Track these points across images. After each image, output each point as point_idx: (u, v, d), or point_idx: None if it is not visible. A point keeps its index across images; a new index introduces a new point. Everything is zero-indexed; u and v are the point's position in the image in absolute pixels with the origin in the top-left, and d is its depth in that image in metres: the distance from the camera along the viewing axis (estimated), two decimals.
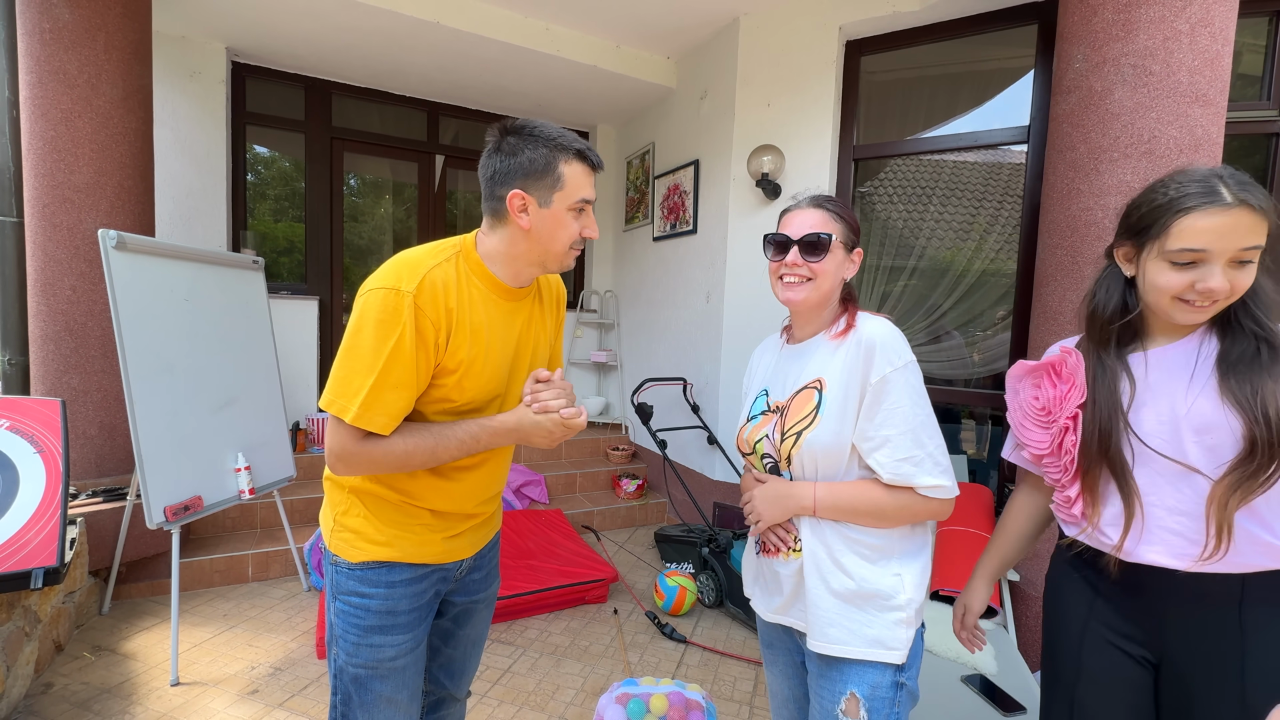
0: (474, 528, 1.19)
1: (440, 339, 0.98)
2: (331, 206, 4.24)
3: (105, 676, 2.10)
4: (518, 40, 3.48)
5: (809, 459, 1.02)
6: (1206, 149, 1.84)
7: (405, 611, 1.09)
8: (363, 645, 1.07)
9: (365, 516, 1.08)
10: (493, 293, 1.07)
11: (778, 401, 1.10)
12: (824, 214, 1.06)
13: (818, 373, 1.05)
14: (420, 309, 0.95)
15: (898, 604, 0.98)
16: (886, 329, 1.01)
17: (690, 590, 2.72)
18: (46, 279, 2.50)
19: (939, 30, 2.95)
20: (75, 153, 2.50)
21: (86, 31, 2.50)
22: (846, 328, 1.05)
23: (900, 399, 0.97)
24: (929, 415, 0.99)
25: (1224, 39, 1.83)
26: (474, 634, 1.29)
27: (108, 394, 2.60)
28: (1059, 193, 2.05)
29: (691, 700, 1.73)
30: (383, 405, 0.95)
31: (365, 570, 1.07)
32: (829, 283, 1.06)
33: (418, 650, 1.12)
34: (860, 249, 1.11)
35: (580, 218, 1.05)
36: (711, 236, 3.62)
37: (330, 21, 3.32)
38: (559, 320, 1.29)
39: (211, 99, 3.65)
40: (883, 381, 0.97)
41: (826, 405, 1.01)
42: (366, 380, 0.93)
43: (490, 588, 1.29)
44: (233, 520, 3.13)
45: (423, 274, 0.97)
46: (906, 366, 0.98)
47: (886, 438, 0.97)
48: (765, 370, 1.19)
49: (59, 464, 2.01)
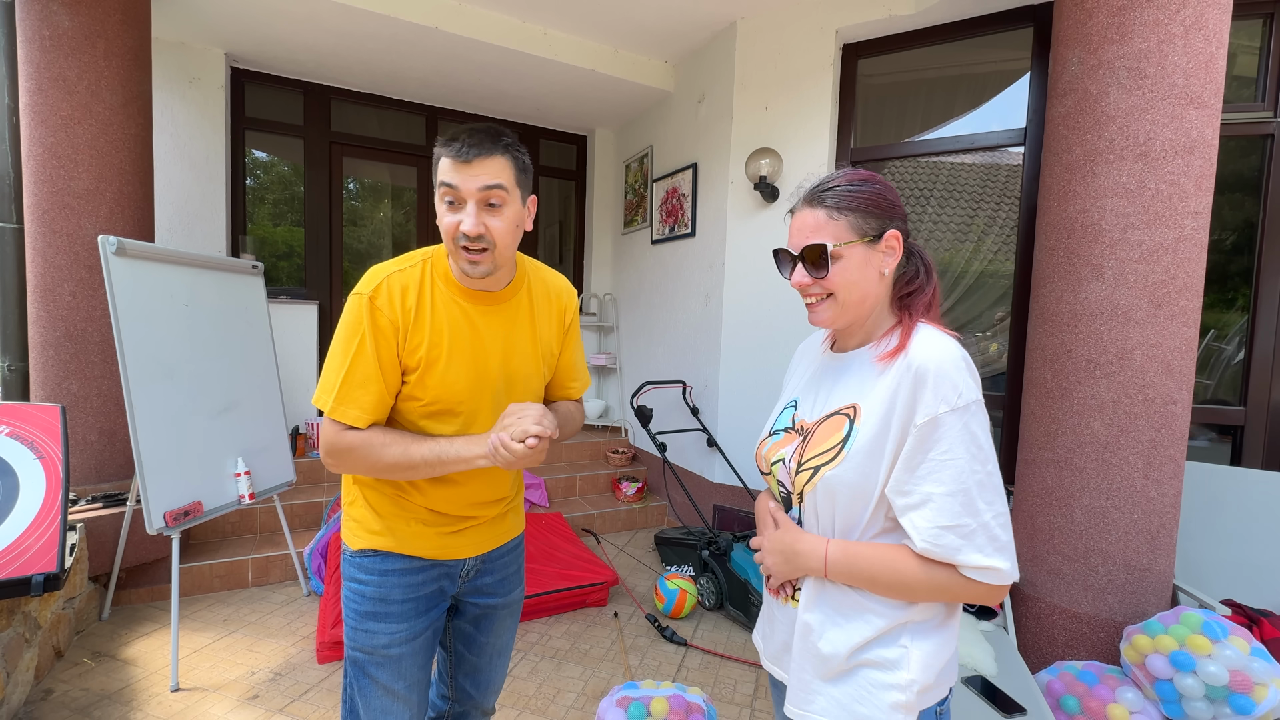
0: (476, 527, 1.19)
1: (399, 336, 1.03)
2: (331, 211, 4.25)
3: (105, 682, 2.10)
4: (516, 45, 3.50)
5: (825, 501, 0.85)
6: (1201, 151, 1.85)
7: (399, 601, 1.11)
8: (359, 630, 1.11)
9: (365, 506, 1.13)
10: (458, 296, 1.08)
11: (803, 421, 0.93)
12: (822, 213, 0.86)
13: (854, 397, 0.86)
14: (378, 309, 1.02)
15: (896, 682, 0.81)
16: (946, 354, 0.79)
17: (690, 593, 2.72)
18: (46, 285, 2.51)
19: (935, 33, 2.97)
20: (75, 159, 2.51)
21: (86, 38, 2.51)
22: (896, 348, 0.83)
23: (953, 449, 0.75)
24: (990, 473, 0.77)
25: (1218, 41, 1.84)
26: (498, 642, 1.29)
27: (108, 399, 2.61)
28: (1056, 194, 2.06)
29: (692, 703, 1.72)
30: (353, 399, 1.02)
31: (362, 557, 1.12)
32: (855, 293, 0.86)
33: (416, 643, 1.13)
34: (897, 230, 0.86)
35: (454, 210, 1.00)
36: (710, 239, 3.62)
37: (329, 27, 3.34)
38: (564, 325, 1.24)
39: (211, 105, 3.66)
40: (932, 424, 0.76)
41: (856, 440, 0.82)
42: (339, 377, 1.01)
43: (510, 594, 1.28)
44: (232, 525, 3.13)
45: (381, 279, 1.04)
46: (967, 408, 0.76)
47: (928, 496, 0.76)
48: (801, 378, 1.01)
49: (59, 470, 2.01)
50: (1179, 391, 1.90)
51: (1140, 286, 1.89)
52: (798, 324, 3.25)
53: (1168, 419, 1.90)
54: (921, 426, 0.77)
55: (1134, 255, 1.89)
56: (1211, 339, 2.58)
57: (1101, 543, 1.95)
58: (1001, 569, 0.75)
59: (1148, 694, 1.69)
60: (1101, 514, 1.95)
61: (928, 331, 0.83)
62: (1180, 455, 1.94)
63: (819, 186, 0.88)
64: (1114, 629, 1.92)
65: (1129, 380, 1.91)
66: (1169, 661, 1.64)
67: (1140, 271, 1.88)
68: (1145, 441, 1.90)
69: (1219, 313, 2.57)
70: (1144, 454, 1.91)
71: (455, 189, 0.99)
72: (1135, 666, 1.73)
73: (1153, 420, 1.90)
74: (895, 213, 0.86)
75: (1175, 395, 1.90)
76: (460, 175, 0.98)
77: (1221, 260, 2.53)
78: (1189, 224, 1.86)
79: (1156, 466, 1.91)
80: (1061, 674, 1.81)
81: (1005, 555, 0.75)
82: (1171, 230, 1.86)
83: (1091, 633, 1.96)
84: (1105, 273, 1.92)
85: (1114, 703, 1.67)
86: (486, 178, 0.98)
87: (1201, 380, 2.56)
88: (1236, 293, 2.54)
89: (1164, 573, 1.95)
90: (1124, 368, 1.91)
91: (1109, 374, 1.93)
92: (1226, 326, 2.57)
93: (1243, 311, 2.51)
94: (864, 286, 0.86)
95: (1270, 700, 1.51)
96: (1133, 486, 1.92)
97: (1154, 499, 1.91)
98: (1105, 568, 1.95)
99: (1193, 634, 1.65)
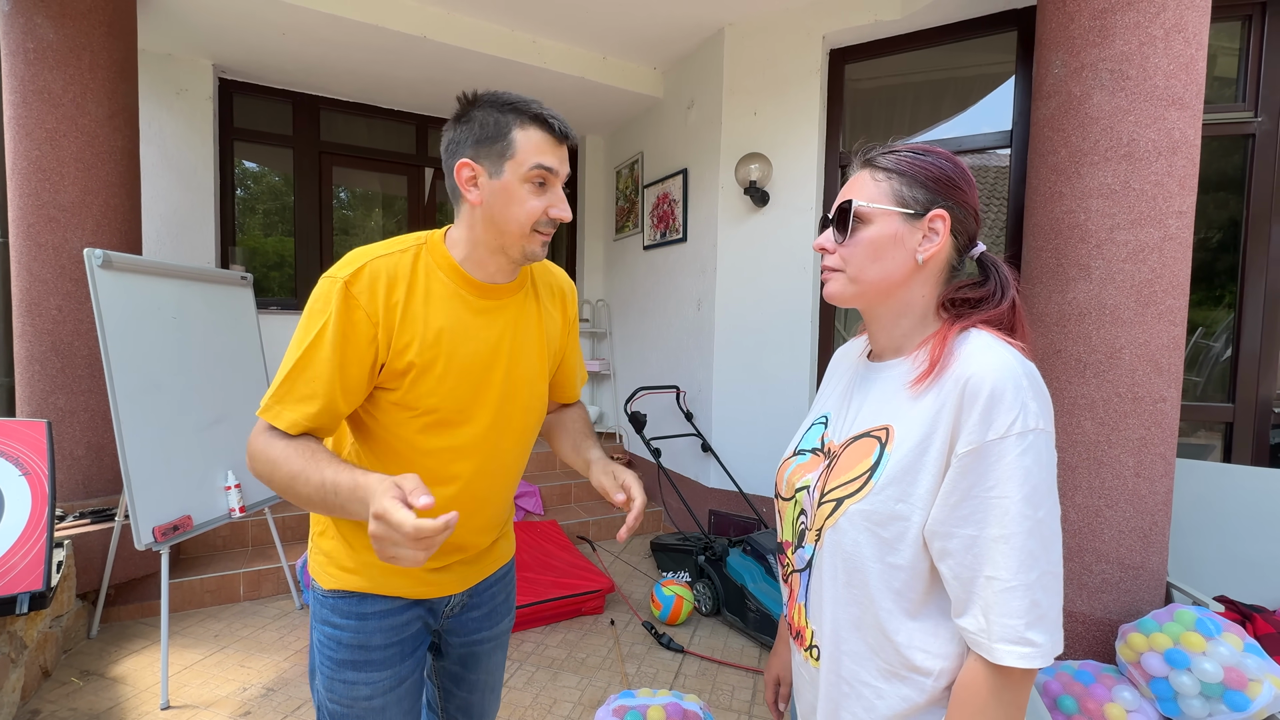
0: (464, 561, 1.06)
1: (381, 335, 0.87)
2: (321, 221, 4.24)
3: (94, 702, 2.06)
4: (505, 53, 3.51)
5: (850, 543, 0.70)
6: (1184, 151, 1.87)
7: (380, 647, 0.98)
8: (336, 680, 0.98)
9: (338, 539, 0.99)
10: (462, 289, 0.93)
11: (832, 442, 0.79)
12: (867, 173, 0.73)
13: (887, 416, 0.72)
14: (352, 298, 0.85)
15: None
16: (1004, 369, 0.64)
17: (687, 599, 2.71)
18: (32, 299, 2.48)
19: (921, 38, 3.00)
20: (60, 172, 2.49)
21: (71, 50, 2.50)
22: (930, 364, 0.68)
23: (1005, 486, 0.62)
24: (1042, 520, 0.62)
25: (1198, 43, 1.86)
26: (487, 679, 1.18)
27: (95, 414, 2.58)
28: (1042, 196, 2.08)
29: (689, 711, 1.71)
30: (294, 400, 0.84)
31: (336, 599, 0.98)
32: (872, 271, 0.72)
33: (399, 689, 1.01)
34: (944, 210, 0.70)
35: (542, 193, 0.89)
36: (701, 244, 3.63)
37: (317, 37, 3.33)
38: (568, 319, 1.13)
39: (198, 116, 3.65)
40: (976, 454, 0.63)
41: (886, 469, 0.68)
42: (284, 372, 0.85)
43: (496, 627, 1.16)
44: (223, 539, 3.09)
45: (364, 261, 0.87)
46: (1024, 436, 0.62)
47: (972, 539, 0.63)
48: (834, 390, 0.86)
49: (44, 486, 1.99)
50: (1168, 389, 1.92)
51: (1127, 286, 1.90)
52: (790, 328, 3.26)
53: (1157, 417, 1.91)
54: (964, 456, 0.63)
55: (1120, 255, 1.90)
56: (1199, 336, 2.60)
57: (1095, 541, 1.95)
58: (1039, 644, 0.61)
59: (1144, 692, 1.69)
60: (1094, 513, 1.95)
61: (982, 339, 0.68)
62: (1170, 453, 1.95)
63: (884, 148, 0.75)
64: (1109, 627, 1.93)
65: (1118, 379, 1.92)
66: (1164, 659, 1.65)
67: (1127, 271, 1.90)
68: (1136, 440, 1.91)
69: (1206, 310, 2.60)
70: (1135, 452, 1.92)
71: (553, 172, 0.88)
72: (1131, 665, 1.73)
73: (1143, 418, 1.91)
74: (954, 194, 0.71)
75: (1164, 393, 1.91)
76: (557, 156, 0.89)
77: (1207, 258, 2.56)
78: (1174, 223, 1.88)
79: (1147, 464, 1.92)
80: (1058, 674, 1.81)
81: (1046, 629, 0.62)
82: (1157, 230, 1.88)
83: (1087, 632, 1.96)
84: (1093, 273, 1.94)
85: (1111, 702, 1.67)
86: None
87: (1190, 378, 2.59)
88: (1223, 290, 2.57)
89: (1157, 570, 1.96)
90: (1113, 367, 1.92)
91: (1098, 373, 1.94)
92: (1214, 324, 2.59)
93: (1229, 309, 2.53)
94: (887, 266, 0.71)
95: (1264, 696, 1.52)
96: (1124, 485, 1.93)
97: (1145, 497, 1.92)
98: (1099, 566, 1.95)
99: (1187, 631, 1.66)
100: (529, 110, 0.87)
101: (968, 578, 0.64)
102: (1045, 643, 0.62)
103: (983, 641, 0.63)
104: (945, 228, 0.71)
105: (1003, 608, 0.61)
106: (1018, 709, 0.64)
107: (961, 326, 0.70)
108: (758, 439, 3.40)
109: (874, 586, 0.69)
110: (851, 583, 0.71)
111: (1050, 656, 0.62)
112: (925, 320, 0.74)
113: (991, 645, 0.62)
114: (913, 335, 0.74)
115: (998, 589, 0.62)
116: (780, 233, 3.24)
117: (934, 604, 0.69)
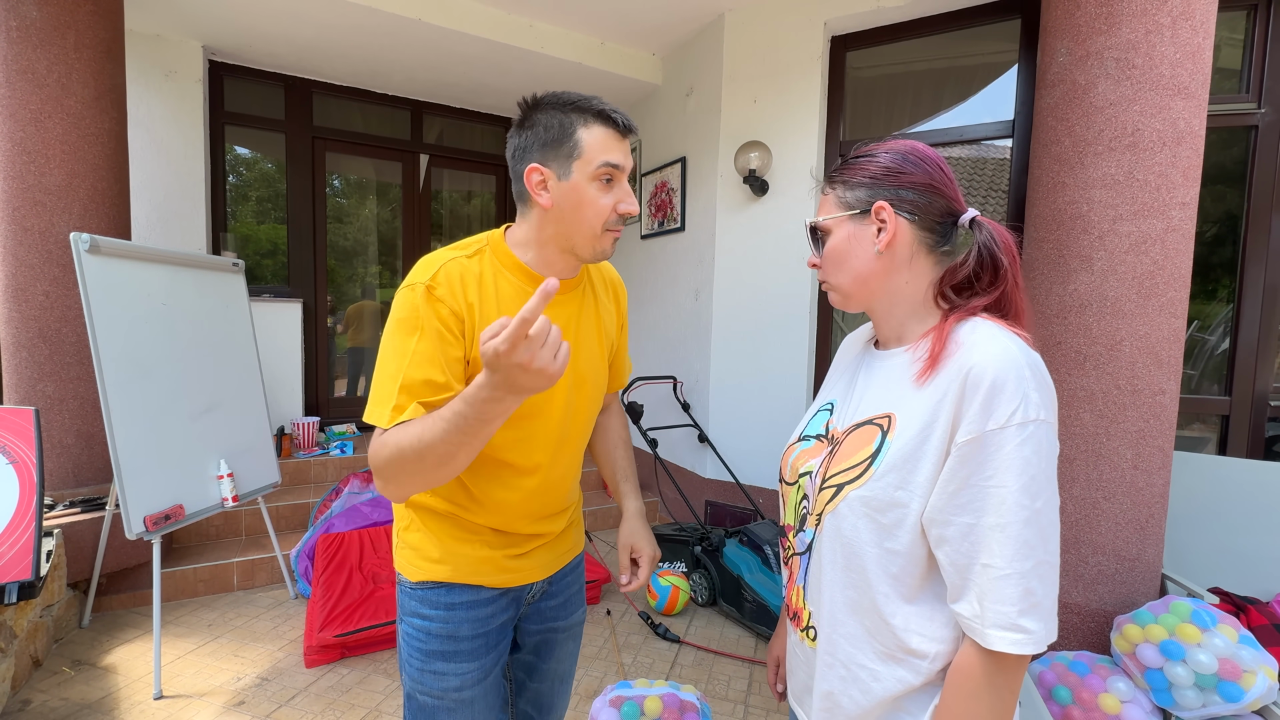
0: (542, 547, 1.09)
1: (467, 330, 0.90)
2: (314, 207, 4.18)
3: (85, 692, 2.05)
4: (501, 37, 3.44)
5: (849, 528, 0.72)
6: (1189, 141, 1.85)
7: (468, 638, 1.01)
8: (426, 672, 1.00)
9: (423, 532, 1.01)
10: (530, 287, 0.96)
11: (835, 429, 0.81)
12: (827, 189, 0.80)
13: (889, 404, 0.73)
14: (438, 299, 0.88)
15: None
16: (1007, 359, 0.65)
17: (683, 590, 2.71)
18: (18, 284, 2.44)
19: (923, 25, 2.96)
20: (46, 154, 2.44)
21: (55, 29, 2.43)
22: (930, 356, 0.70)
23: (1003, 475, 0.63)
24: (1039, 510, 0.63)
25: (1205, 32, 1.84)
26: (560, 668, 1.20)
27: (84, 401, 2.54)
28: (1044, 186, 2.06)
29: (686, 701, 1.71)
30: (407, 395, 0.86)
31: (424, 590, 1.01)
32: (844, 275, 0.77)
33: (487, 682, 1.04)
34: (883, 202, 0.74)
35: (611, 189, 0.91)
36: (699, 234, 3.60)
37: (310, 19, 3.26)
38: (621, 312, 1.16)
39: (188, 99, 3.58)
40: (976, 443, 0.64)
41: (887, 456, 0.70)
42: (396, 383, 0.86)
43: (571, 617, 1.19)
44: (216, 528, 3.07)
45: (438, 266, 0.91)
46: (1024, 426, 0.63)
47: (969, 526, 0.65)
48: (841, 377, 0.88)
49: (33, 474, 1.96)
50: (1167, 382, 1.91)
51: (1129, 278, 1.89)
52: (789, 319, 3.25)
53: (1156, 409, 1.91)
54: (963, 445, 0.65)
55: (1123, 246, 1.89)
56: (1195, 329, 2.60)
57: (1091, 533, 1.96)
58: (1031, 632, 0.63)
59: (1138, 683, 1.70)
60: (1091, 504, 1.96)
61: (985, 328, 0.69)
62: (1168, 445, 1.95)
63: (836, 167, 0.80)
64: (1104, 619, 1.94)
65: (1118, 371, 1.91)
66: (1159, 650, 1.65)
67: (1129, 263, 1.89)
68: (1134, 432, 1.91)
69: (1202, 303, 2.59)
70: (1133, 444, 1.91)
71: (619, 168, 0.89)
72: (1126, 656, 1.74)
73: (1141, 411, 1.91)
74: (895, 180, 0.74)
75: (1164, 386, 1.91)
76: (621, 151, 0.90)
77: (1203, 252, 2.55)
78: (1176, 215, 1.87)
79: (1145, 457, 1.92)
80: (1053, 664, 1.82)
81: (1039, 617, 0.63)
82: (1160, 221, 1.86)
83: (1082, 623, 1.97)
84: (1094, 264, 1.93)
85: (1105, 692, 1.68)
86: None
87: (1186, 370, 2.59)
88: (1219, 284, 2.56)
89: (1153, 562, 1.97)
90: (1113, 359, 1.91)
91: (1098, 365, 1.93)
92: (1210, 317, 2.59)
93: (1226, 302, 2.53)
94: (855, 266, 0.76)
95: (1259, 687, 1.52)
96: (1122, 477, 1.93)
97: (1143, 489, 1.93)
98: (1095, 558, 1.96)
99: (1182, 623, 1.66)
100: (591, 108, 0.89)
101: (964, 564, 0.66)
102: (1038, 630, 0.63)
103: (976, 627, 0.65)
104: (891, 215, 0.74)
105: (997, 594, 0.63)
106: (1010, 693, 0.66)
107: (960, 317, 0.72)
108: (755, 430, 3.40)
109: (871, 571, 0.71)
110: (850, 567, 0.73)
111: (1043, 644, 0.64)
112: (922, 309, 0.77)
113: (985, 631, 0.64)
114: (911, 324, 0.77)
115: (992, 576, 0.63)
116: (780, 222, 3.21)
117: (930, 589, 0.71)
